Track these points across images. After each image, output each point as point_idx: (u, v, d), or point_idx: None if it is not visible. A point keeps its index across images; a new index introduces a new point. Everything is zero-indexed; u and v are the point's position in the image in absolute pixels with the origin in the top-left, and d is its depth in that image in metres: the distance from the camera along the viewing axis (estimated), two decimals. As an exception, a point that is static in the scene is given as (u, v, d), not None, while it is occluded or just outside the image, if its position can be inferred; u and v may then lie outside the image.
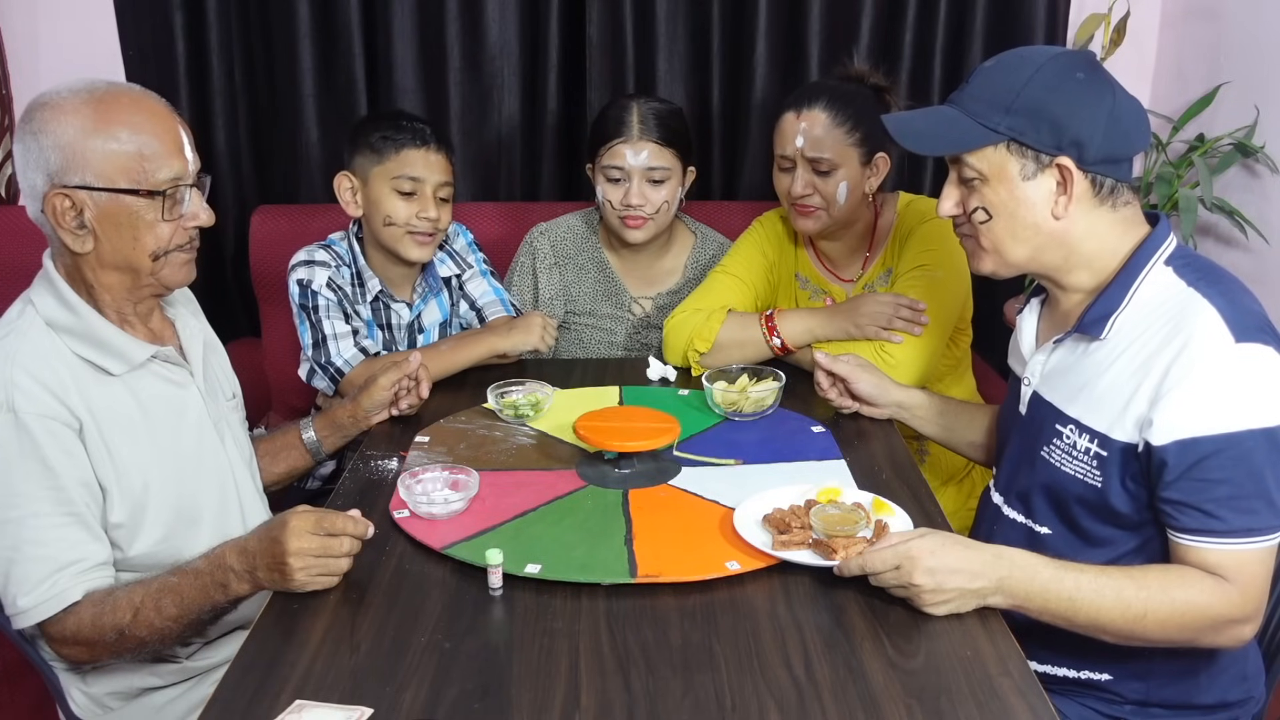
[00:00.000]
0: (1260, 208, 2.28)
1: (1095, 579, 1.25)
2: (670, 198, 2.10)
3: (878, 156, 1.95)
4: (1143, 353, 1.30)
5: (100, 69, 2.50)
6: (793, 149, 1.93)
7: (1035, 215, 1.35)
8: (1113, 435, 1.32)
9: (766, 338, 1.93)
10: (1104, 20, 2.51)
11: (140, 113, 1.37)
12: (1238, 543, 1.24)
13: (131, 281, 1.42)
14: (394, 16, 2.53)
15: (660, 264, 2.25)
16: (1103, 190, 1.33)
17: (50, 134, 1.33)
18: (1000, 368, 2.51)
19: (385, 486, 1.56)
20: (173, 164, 1.38)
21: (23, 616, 1.34)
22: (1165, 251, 1.34)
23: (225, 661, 1.28)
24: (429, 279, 2.13)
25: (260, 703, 1.10)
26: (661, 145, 2.06)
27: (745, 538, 1.35)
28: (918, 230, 1.98)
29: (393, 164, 1.98)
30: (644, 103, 2.09)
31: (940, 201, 1.43)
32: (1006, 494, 1.50)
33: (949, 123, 1.37)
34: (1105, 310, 1.35)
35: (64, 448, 1.35)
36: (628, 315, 2.24)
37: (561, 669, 1.15)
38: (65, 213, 1.35)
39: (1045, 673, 1.43)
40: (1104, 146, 1.30)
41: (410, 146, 1.98)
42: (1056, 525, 1.42)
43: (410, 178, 1.98)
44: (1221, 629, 1.26)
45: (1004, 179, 1.34)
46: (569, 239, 2.24)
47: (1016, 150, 1.33)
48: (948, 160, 1.41)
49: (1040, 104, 1.30)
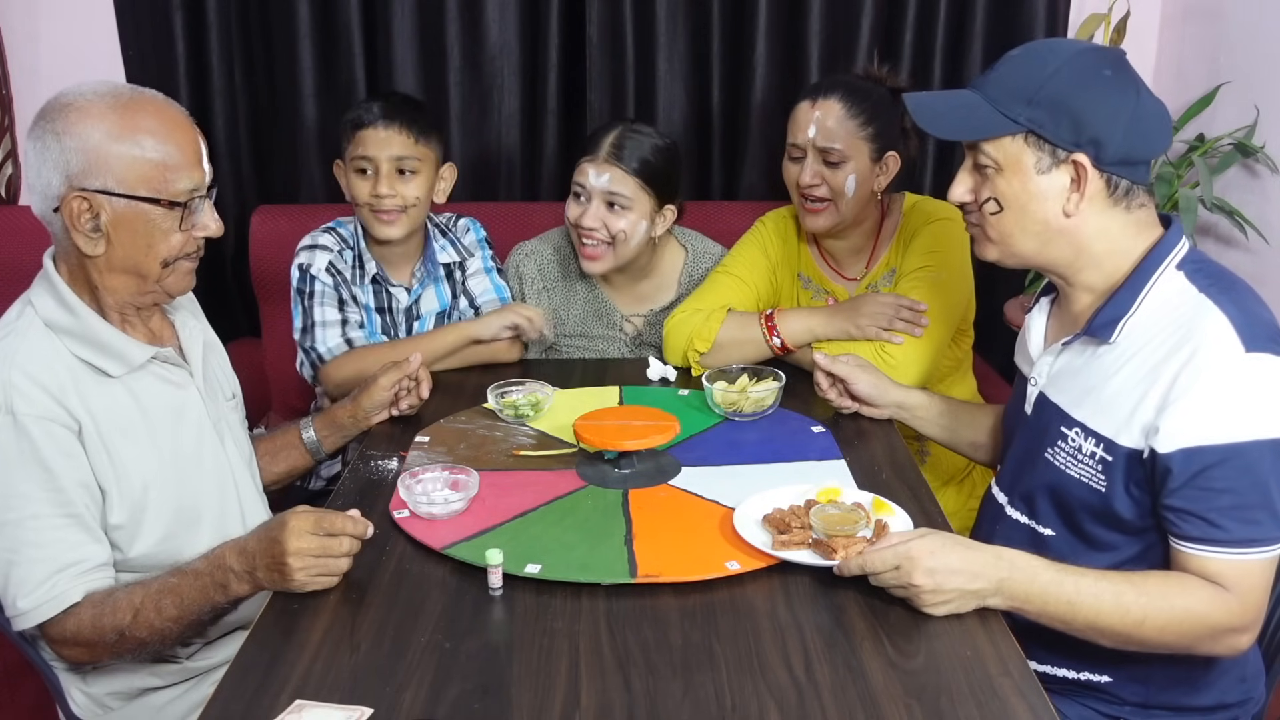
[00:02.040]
0: (1260, 208, 2.28)
1: (1095, 583, 1.24)
2: (630, 229, 2.00)
3: (888, 155, 1.95)
4: (1152, 359, 1.29)
5: (100, 69, 2.50)
6: (804, 138, 1.94)
7: (1046, 211, 1.33)
8: (1118, 440, 1.31)
9: (766, 337, 1.93)
10: (1104, 20, 2.51)
11: (164, 122, 1.37)
12: (1239, 552, 1.23)
13: (137, 286, 1.42)
14: (394, 16, 2.53)
15: (649, 281, 2.16)
16: (1117, 191, 1.32)
17: (74, 136, 1.32)
18: (1001, 368, 2.52)
19: (385, 486, 1.56)
20: (192, 175, 1.39)
21: (23, 618, 1.34)
22: (1177, 255, 1.33)
23: (225, 661, 1.28)
24: (428, 264, 2.13)
25: (260, 703, 1.10)
26: (627, 173, 1.98)
27: (745, 538, 1.35)
28: (923, 231, 1.98)
29: (352, 145, 2.02)
30: (629, 128, 2.03)
31: (952, 187, 1.41)
32: (1010, 494, 1.49)
33: (969, 108, 1.35)
34: (1115, 314, 1.34)
35: (63, 449, 1.35)
36: (620, 335, 2.18)
37: (561, 669, 1.15)
38: (82, 215, 1.34)
39: (1046, 673, 1.43)
40: (1123, 147, 1.29)
41: (364, 127, 2.00)
42: (1060, 527, 1.41)
43: (364, 157, 2.00)
44: (1219, 637, 1.25)
45: (1018, 170, 1.33)
46: (555, 261, 2.17)
47: (1034, 142, 1.31)
48: (964, 145, 1.40)
49: (1063, 98, 1.28)
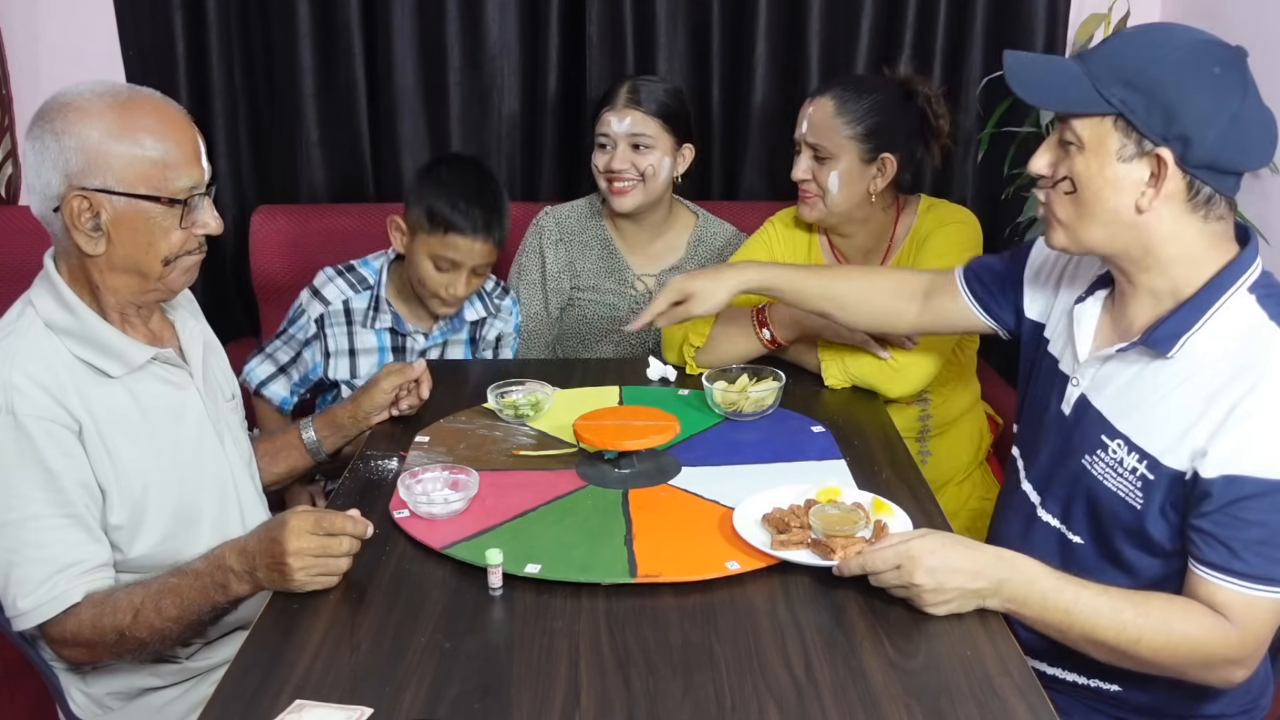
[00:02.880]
0: (1260, 208, 2.28)
1: (1095, 597, 1.23)
2: (656, 164, 2.15)
3: (884, 157, 1.93)
4: (1212, 383, 1.24)
5: (100, 69, 2.50)
6: (799, 132, 1.98)
7: (1119, 201, 1.26)
8: (1163, 460, 1.27)
9: (756, 330, 1.93)
10: (1104, 20, 2.51)
11: (163, 120, 1.37)
12: (1253, 588, 1.21)
13: (139, 285, 1.42)
14: (394, 16, 2.53)
15: (661, 240, 2.31)
16: (1198, 197, 1.25)
17: (73, 135, 1.33)
18: (1002, 369, 2.51)
19: (385, 486, 1.56)
20: (191, 172, 1.39)
21: (23, 618, 1.34)
22: (1250, 277, 1.27)
23: (225, 661, 1.28)
24: (455, 319, 2.16)
25: (260, 703, 1.10)
26: (646, 114, 2.14)
27: (745, 537, 1.35)
28: (935, 234, 1.97)
29: (438, 241, 2.00)
30: (638, 77, 2.20)
31: (1034, 158, 1.34)
32: (1043, 494, 1.45)
33: (1067, 79, 1.27)
34: (1178, 329, 1.27)
35: (63, 449, 1.35)
36: (630, 291, 2.28)
37: (561, 669, 1.15)
38: (82, 214, 1.34)
39: (1055, 676, 1.42)
40: (1212, 150, 1.21)
41: (459, 234, 1.99)
42: (1089, 538, 1.38)
43: (450, 260, 2.01)
44: (1215, 667, 1.24)
45: (1100, 153, 1.26)
46: (574, 217, 2.31)
47: (1122, 127, 1.24)
48: (1055, 117, 1.33)
49: (1161, 86, 1.21)
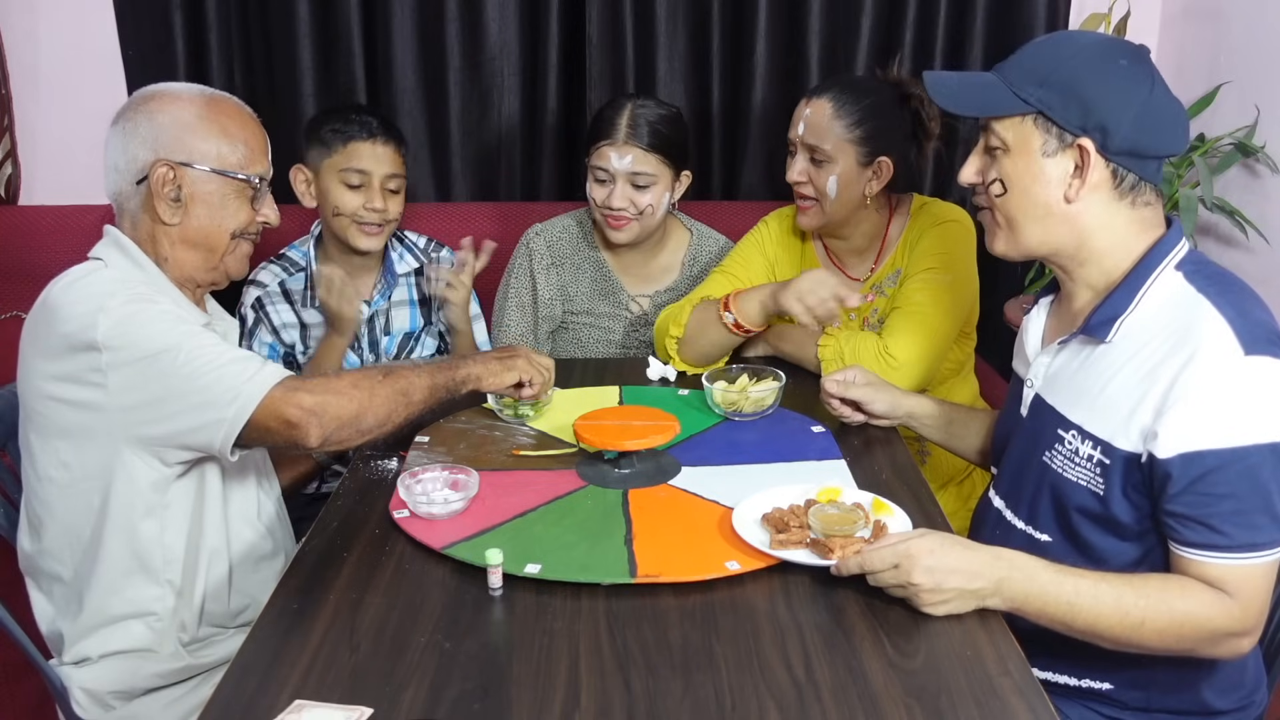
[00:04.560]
0: (1260, 208, 2.28)
1: (1095, 585, 1.24)
2: (656, 202, 2.10)
3: (880, 160, 1.93)
4: (1149, 361, 1.28)
5: (100, 69, 2.50)
6: (795, 134, 1.95)
7: (1048, 194, 1.32)
8: (1115, 443, 1.30)
9: (720, 313, 1.92)
10: (1104, 20, 2.51)
11: (243, 117, 1.56)
12: (1240, 557, 1.22)
13: (203, 261, 1.53)
14: (394, 16, 2.53)
15: (656, 261, 2.26)
16: (1123, 184, 1.31)
17: (167, 114, 1.48)
18: (1002, 369, 2.51)
19: (385, 486, 1.56)
20: (263, 164, 1.57)
21: (243, 405, 1.36)
22: (1176, 256, 1.32)
23: (225, 661, 1.28)
24: (387, 275, 2.16)
25: (260, 703, 1.10)
26: (647, 151, 2.06)
27: (744, 537, 1.35)
28: (929, 233, 1.97)
29: (340, 156, 2.03)
30: (638, 105, 2.07)
31: (962, 169, 1.41)
32: (1008, 499, 1.48)
33: (983, 86, 1.36)
34: (1112, 313, 1.33)
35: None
36: (625, 313, 2.25)
37: (561, 669, 1.15)
38: (166, 184, 1.47)
39: (1047, 680, 1.42)
40: (1130, 137, 1.28)
41: (357, 139, 2.03)
42: (1057, 534, 1.40)
43: (357, 170, 2.03)
44: (1220, 641, 1.25)
45: (1025, 152, 1.32)
46: (564, 239, 2.25)
47: (1042, 124, 1.31)
48: (979, 127, 1.39)
49: (1074, 81, 1.28)
